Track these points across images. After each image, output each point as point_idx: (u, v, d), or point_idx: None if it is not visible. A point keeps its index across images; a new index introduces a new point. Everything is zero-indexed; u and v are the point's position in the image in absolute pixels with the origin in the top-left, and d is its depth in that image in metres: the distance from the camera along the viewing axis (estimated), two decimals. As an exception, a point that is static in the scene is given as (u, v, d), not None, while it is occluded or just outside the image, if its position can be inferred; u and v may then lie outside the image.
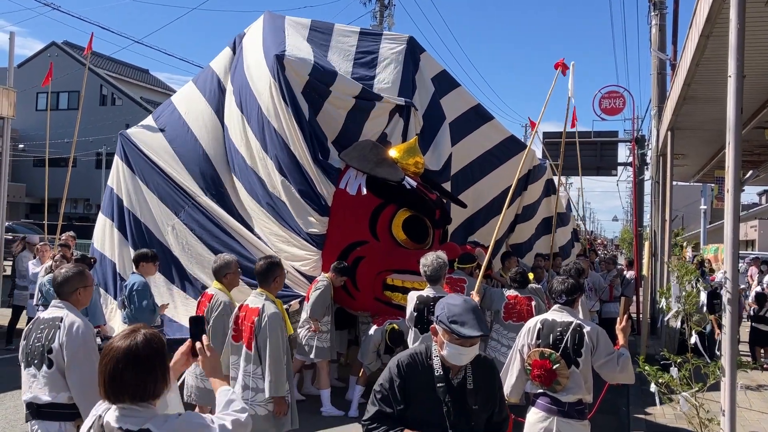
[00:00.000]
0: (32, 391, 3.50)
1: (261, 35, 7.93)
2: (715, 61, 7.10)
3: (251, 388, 4.38)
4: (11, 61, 12.40)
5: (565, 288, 4.15)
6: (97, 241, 8.22)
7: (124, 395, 2.04)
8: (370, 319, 7.47)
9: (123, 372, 2.03)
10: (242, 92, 7.76)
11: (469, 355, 2.76)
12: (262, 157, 7.44)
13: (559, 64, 7.32)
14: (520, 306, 6.81)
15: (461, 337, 2.68)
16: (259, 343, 4.35)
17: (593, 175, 22.05)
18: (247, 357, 4.41)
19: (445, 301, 2.83)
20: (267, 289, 4.53)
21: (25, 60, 39.12)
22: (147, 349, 2.08)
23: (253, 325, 4.37)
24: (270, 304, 4.42)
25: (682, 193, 32.61)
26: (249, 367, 4.40)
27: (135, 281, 6.25)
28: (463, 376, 2.81)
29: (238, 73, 7.97)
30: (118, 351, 2.05)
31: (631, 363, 4.01)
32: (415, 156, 7.58)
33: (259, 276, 4.56)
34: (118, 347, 2.06)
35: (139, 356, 2.05)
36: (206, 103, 8.22)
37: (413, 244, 7.36)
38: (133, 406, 2.05)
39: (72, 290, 3.64)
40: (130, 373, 2.03)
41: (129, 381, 2.03)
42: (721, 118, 5.36)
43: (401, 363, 2.81)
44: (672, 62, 13.41)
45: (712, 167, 14.86)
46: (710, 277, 11.53)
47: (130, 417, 2.04)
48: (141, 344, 2.07)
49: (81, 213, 38.27)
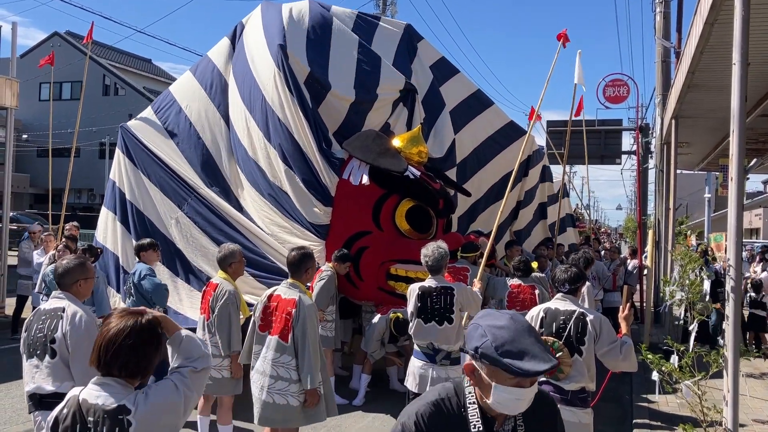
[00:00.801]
0: (35, 382, 3.52)
1: (261, 26, 7.89)
2: (720, 48, 7.06)
3: (284, 379, 4.40)
4: (14, 51, 12.39)
5: (568, 277, 4.16)
6: (99, 234, 8.24)
7: (113, 367, 2.12)
8: (373, 308, 7.49)
9: (121, 346, 2.11)
10: (245, 84, 7.75)
11: (529, 398, 1.95)
12: (263, 147, 7.43)
13: (561, 35, 7.29)
14: (524, 295, 6.82)
15: (521, 375, 1.87)
16: (296, 334, 4.36)
17: (597, 164, 22.01)
18: (280, 347, 4.42)
19: (485, 324, 1.96)
20: (299, 280, 4.57)
21: (27, 50, 39.04)
22: (148, 328, 2.17)
23: (289, 317, 4.38)
24: (305, 297, 4.47)
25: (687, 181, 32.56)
26: (282, 358, 4.41)
27: (141, 268, 6.41)
28: (513, 426, 2.04)
29: (240, 64, 7.94)
30: (120, 327, 2.14)
31: (634, 351, 4.02)
32: (419, 145, 7.57)
33: (291, 266, 4.60)
34: (120, 324, 2.15)
35: (138, 336, 2.14)
36: (206, 95, 8.20)
37: (417, 234, 7.37)
38: (110, 382, 2.13)
39: (73, 282, 3.65)
40: (126, 348, 2.12)
41: (125, 355, 2.11)
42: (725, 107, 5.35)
43: (421, 416, 1.99)
44: (676, 50, 13.35)
45: (716, 155, 14.82)
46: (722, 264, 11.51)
47: (107, 394, 2.11)
48: (143, 323, 2.17)
49: (85, 203, 38.35)
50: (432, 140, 8.21)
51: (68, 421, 2.12)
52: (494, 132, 9.46)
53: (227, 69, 8.27)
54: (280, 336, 4.43)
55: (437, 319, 5.02)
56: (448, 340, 5.03)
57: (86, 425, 2.09)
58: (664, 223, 12.89)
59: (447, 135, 8.47)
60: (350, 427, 6.34)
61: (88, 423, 2.09)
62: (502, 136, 9.54)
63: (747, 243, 22.91)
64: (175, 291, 7.38)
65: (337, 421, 6.33)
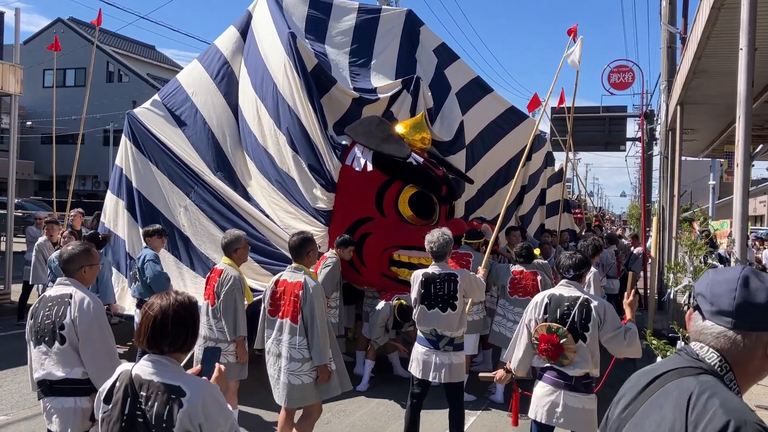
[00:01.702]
0: (45, 368, 3.53)
1: (269, 15, 7.94)
2: (726, 34, 7.01)
3: (296, 359, 4.56)
4: (17, 37, 12.37)
5: (573, 263, 4.17)
6: (107, 219, 8.29)
7: (164, 344, 2.32)
8: (376, 294, 7.51)
9: (165, 323, 2.31)
10: (257, 73, 7.81)
11: None
12: (273, 134, 7.48)
13: (572, 31, 7.26)
14: (526, 281, 6.82)
15: None
16: (305, 315, 4.52)
17: (601, 151, 21.93)
18: (292, 330, 4.57)
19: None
20: (302, 263, 4.71)
21: (30, 37, 38.99)
22: (187, 306, 2.39)
23: (297, 299, 4.54)
24: (310, 279, 4.62)
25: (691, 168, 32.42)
26: (294, 340, 4.56)
27: (146, 253, 6.60)
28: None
29: (252, 54, 8.01)
30: (164, 305, 2.35)
31: (638, 337, 4.03)
32: (422, 132, 7.56)
33: (293, 251, 4.76)
34: (163, 302, 2.36)
35: (180, 312, 2.36)
36: (213, 84, 8.24)
37: (420, 220, 7.37)
38: (164, 360, 2.31)
39: (77, 268, 3.64)
40: (172, 325, 2.32)
41: (170, 331, 2.32)
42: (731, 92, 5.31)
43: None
44: (682, 35, 13.24)
45: (721, 142, 14.75)
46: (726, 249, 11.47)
47: (162, 372, 2.27)
48: (183, 301, 2.39)
49: (89, 190, 38.41)
50: (439, 124, 8.23)
51: (120, 393, 2.27)
52: (497, 117, 9.46)
53: (234, 58, 8.31)
54: (291, 319, 4.57)
55: (441, 305, 5.03)
56: (451, 327, 5.05)
57: (137, 398, 2.24)
58: (669, 210, 12.86)
59: (455, 118, 8.48)
60: (354, 412, 6.38)
61: (140, 397, 2.24)
62: (504, 120, 9.53)
63: (752, 230, 22.87)
64: (180, 277, 7.44)
65: (341, 406, 6.37)
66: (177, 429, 2.20)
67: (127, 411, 2.24)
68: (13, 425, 5.78)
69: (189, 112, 8.14)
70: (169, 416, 2.20)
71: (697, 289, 1.66)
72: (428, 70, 8.46)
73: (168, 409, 2.20)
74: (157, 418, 2.20)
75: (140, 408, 2.22)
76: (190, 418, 2.21)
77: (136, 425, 2.23)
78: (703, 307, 1.61)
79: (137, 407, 2.23)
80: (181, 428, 2.21)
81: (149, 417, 2.21)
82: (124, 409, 2.24)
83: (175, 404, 2.20)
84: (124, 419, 2.24)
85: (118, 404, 2.26)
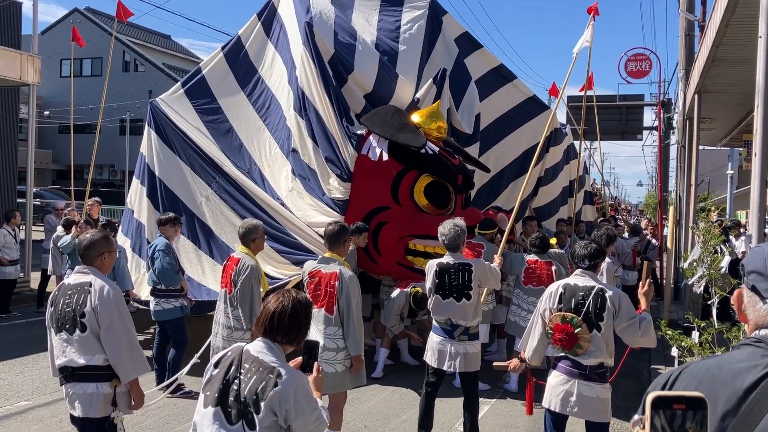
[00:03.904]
0: (67, 355, 3.58)
1: (292, 4, 7.95)
2: (746, 21, 6.93)
3: (331, 349, 4.63)
4: (35, 27, 12.46)
5: (588, 253, 4.16)
6: (131, 203, 8.46)
7: (278, 335, 2.55)
8: (392, 282, 7.54)
9: (282, 317, 2.55)
10: (288, 67, 7.88)
11: None
12: (296, 125, 7.51)
13: (592, 8, 7.20)
14: (540, 270, 6.82)
15: None
16: (341, 306, 4.58)
17: (618, 140, 21.79)
18: (327, 320, 4.64)
19: None
20: (336, 252, 4.74)
21: (47, 27, 39.23)
22: (304, 305, 2.63)
23: (333, 290, 4.59)
24: (345, 269, 4.66)
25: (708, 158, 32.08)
26: (329, 330, 4.63)
27: (158, 242, 6.62)
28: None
29: (284, 48, 8.03)
30: (284, 301, 2.59)
31: (653, 327, 4.02)
32: (438, 121, 7.55)
33: (329, 239, 4.78)
34: (283, 299, 2.60)
35: (297, 308, 2.59)
36: (233, 76, 8.30)
37: (435, 209, 7.37)
38: (273, 346, 2.53)
39: (97, 254, 3.67)
40: (288, 319, 2.56)
41: (286, 325, 2.55)
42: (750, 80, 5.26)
43: None
44: (701, 23, 13.08)
45: (739, 131, 14.59)
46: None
47: (268, 353, 2.50)
48: (301, 300, 2.63)
49: (106, 179, 38.72)
50: (461, 115, 8.21)
51: (227, 361, 2.53)
52: (514, 106, 9.42)
53: (255, 50, 8.32)
54: (326, 309, 4.63)
55: (455, 295, 5.04)
56: (466, 316, 5.06)
57: (240, 368, 2.48)
58: (686, 199, 12.77)
59: (474, 108, 8.46)
60: (370, 400, 6.43)
61: (242, 368, 2.48)
62: (521, 110, 9.49)
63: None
64: (199, 264, 7.59)
65: (356, 394, 6.41)
66: (264, 405, 2.40)
67: (228, 377, 2.48)
68: (35, 410, 5.88)
69: (210, 103, 8.22)
70: (262, 391, 2.40)
71: (748, 266, 1.48)
72: (448, 60, 8.41)
73: (263, 385, 2.41)
74: (251, 390, 2.42)
75: (239, 377, 2.46)
76: (279, 400, 2.40)
77: (229, 391, 2.46)
78: (762, 285, 1.43)
79: (237, 376, 2.47)
80: (268, 406, 2.40)
81: (243, 386, 2.44)
82: (227, 374, 2.49)
83: (271, 383, 2.41)
84: (222, 383, 2.48)
85: (223, 370, 2.51)
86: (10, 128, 13.31)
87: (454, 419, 5.86)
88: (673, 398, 0.90)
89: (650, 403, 0.91)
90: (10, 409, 5.90)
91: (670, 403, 0.90)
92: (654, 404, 0.91)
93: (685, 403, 0.90)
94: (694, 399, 0.90)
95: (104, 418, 3.60)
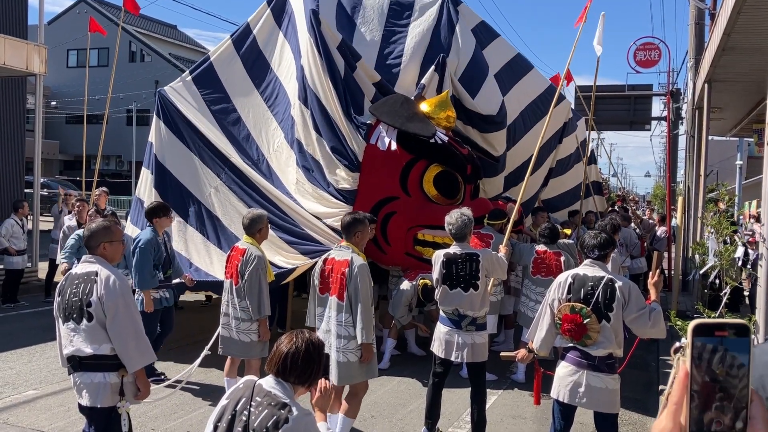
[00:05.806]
0: (74, 345, 3.59)
1: None
2: (758, 8, 6.85)
3: (343, 337, 4.62)
4: (41, 17, 12.46)
5: (598, 243, 4.13)
6: (140, 193, 8.46)
7: (290, 376, 2.52)
8: (401, 273, 7.52)
9: (296, 359, 2.51)
10: (295, 56, 7.82)
11: None
12: (301, 114, 7.46)
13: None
14: (549, 261, 6.78)
15: None
16: (350, 292, 4.58)
17: (626, 130, 21.67)
18: (339, 307, 4.63)
19: None
20: (351, 242, 4.73)
21: (54, 17, 39.24)
22: (317, 346, 2.59)
23: (343, 277, 4.59)
24: (357, 257, 4.65)
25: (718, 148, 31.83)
26: (341, 317, 4.62)
27: (141, 238, 6.17)
28: None
29: (292, 36, 7.98)
30: (299, 342, 2.55)
31: (663, 318, 3.99)
32: (447, 110, 7.50)
33: (343, 229, 4.81)
34: (297, 340, 2.55)
35: (310, 349, 2.55)
36: (242, 65, 8.24)
37: (444, 199, 7.34)
38: (286, 385, 2.51)
39: (97, 244, 3.68)
40: (301, 361, 2.52)
41: (299, 366, 2.52)
42: (761, 69, 5.20)
43: None
44: (711, 11, 12.95)
45: (750, 121, 14.47)
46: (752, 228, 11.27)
47: (280, 390, 2.49)
48: (314, 341, 2.59)
49: (113, 169, 38.82)
50: (478, 98, 8.08)
51: (239, 393, 2.52)
52: (537, 97, 9.33)
53: (265, 38, 8.26)
54: (337, 296, 4.63)
55: (463, 285, 5.01)
56: (473, 306, 5.03)
57: (250, 400, 2.47)
58: (695, 190, 12.69)
59: (494, 95, 8.32)
60: (377, 390, 6.41)
61: (254, 401, 2.47)
62: (543, 100, 9.40)
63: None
64: (207, 255, 7.59)
65: (363, 385, 6.41)
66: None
67: (238, 407, 2.47)
68: (43, 399, 5.91)
69: (218, 93, 8.16)
70: (273, 426, 2.39)
71: None
72: (467, 50, 8.27)
73: (274, 420, 2.39)
74: (261, 423, 2.40)
75: (249, 409, 2.45)
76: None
77: (238, 422, 2.45)
78: None
79: (248, 407, 2.46)
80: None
81: (253, 419, 2.42)
82: (236, 405, 2.48)
83: (282, 418, 2.39)
84: (233, 413, 2.47)
85: (234, 401, 2.51)
86: (18, 119, 13.34)
87: (461, 410, 5.85)
88: (715, 325, 0.89)
89: (692, 329, 0.90)
90: (18, 398, 5.92)
91: (712, 330, 0.89)
92: (695, 331, 0.89)
93: (728, 329, 0.88)
94: (737, 325, 0.88)
95: (112, 407, 3.62)
